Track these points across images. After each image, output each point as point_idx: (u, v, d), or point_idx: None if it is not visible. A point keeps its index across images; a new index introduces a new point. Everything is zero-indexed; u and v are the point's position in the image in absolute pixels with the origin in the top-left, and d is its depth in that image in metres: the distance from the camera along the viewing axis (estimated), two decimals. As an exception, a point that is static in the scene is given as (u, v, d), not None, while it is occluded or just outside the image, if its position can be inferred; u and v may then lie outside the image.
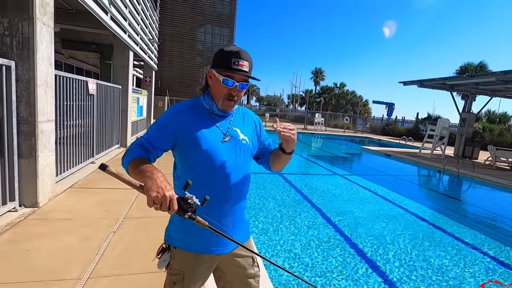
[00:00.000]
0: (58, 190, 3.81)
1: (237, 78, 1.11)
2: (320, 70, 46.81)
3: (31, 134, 3.14)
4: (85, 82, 4.89)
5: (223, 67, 1.10)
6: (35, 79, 3.07)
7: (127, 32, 6.83)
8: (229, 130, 1.19)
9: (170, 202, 0.90)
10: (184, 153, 1.15)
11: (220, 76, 1.11)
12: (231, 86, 1.11)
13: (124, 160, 1.09)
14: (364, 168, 10.32)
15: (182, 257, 1.17)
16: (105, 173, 0.96)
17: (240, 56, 1.10)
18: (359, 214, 4.70)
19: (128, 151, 1.11)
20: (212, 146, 1.13)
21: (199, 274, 1.19)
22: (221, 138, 1.16)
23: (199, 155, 1.12)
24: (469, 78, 10.99)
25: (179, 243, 1.18)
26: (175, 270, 1.17)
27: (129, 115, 7.61)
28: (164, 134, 1.15)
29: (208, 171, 1.12)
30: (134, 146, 1.13)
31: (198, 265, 1.18)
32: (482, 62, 27.82)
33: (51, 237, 2.65)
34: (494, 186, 7.76)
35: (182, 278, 1.16)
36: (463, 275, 3.08)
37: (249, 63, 1.13)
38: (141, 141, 1.15)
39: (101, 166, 0.97)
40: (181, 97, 21.29)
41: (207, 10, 22.37)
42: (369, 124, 28.61)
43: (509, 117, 23.54)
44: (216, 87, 1.15)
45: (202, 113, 1.18)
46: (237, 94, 1.15)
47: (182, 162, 1.18)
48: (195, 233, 1.14)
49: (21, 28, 2.97)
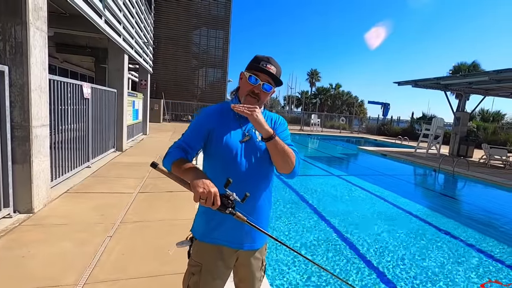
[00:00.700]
0: (53, 195, 3.77)
1: (262, 77, 1.22)
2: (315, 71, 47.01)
3: (25, 139, 3.11)
4: (79, 86, 4.86)
5: (252, 67, 1.23)
6: (29, 84, 3.05)
7: (122, 35, 6.81)
8: (250, 131, 1.25)
9: (214, 198, 1.01)
10: (209, 149, 1.24)
11: (247, 74, 1.23)
12: (256, 84, 1.21)
13: (165, 161, 1.20)
14: (361, 168, 10.37)
15: (202, 249, 1.23)
16: (156, 170, 1.09)
17: (269, 61, 1.23)
18: (355, 214, 4.72)
19: (168, 153, 1.21)
20: (231, 144, 1.20)
21: (216, 268, 1.22)
22: (240, 138, 1.22)
23: (220, 152, 1.20)
24: (462, 78, 11.13)
25: (200, 235, 1.24)
26: (194, 261, 1.24)
27: (124, 119, 7.57)
28: (199, 134, 1.24)
29: (224, 168, 1.19)
30: (173, 149, 1.22)
31: (216, 258, 1.22)
32: (475, 61, 28.20)
33: (46, 243, 2.62)
34: (489, 184, 7.84)
35: (199, 269, 1.22)
36: (459, 273, 3.10)
37: (277, 70, 1.24)
38: (179, 143, 1.25)
39: (152, 164, 1.10)
40: (177, 99, 21.27)
41: (202, 13, 22.39)
42: (365, 125, 28.77)
43: (502, 115, 23.85)
44: (243, 85, 1.27)
45: (228, 115, 1.27)
46: (260, 93, 1.23)
47: (206, 159, 1.27)
48: (215, 225, 1.20)
49: (14, 33, 2.95)
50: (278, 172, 1.28)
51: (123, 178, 4.94)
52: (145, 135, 11.16)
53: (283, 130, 1.33)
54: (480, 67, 27.69)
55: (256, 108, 1.10)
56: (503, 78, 9.62)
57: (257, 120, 1.10)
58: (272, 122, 1.34)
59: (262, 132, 1.13)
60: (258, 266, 1.32)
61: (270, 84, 1.23)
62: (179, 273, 2.29)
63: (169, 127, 15.39)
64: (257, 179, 1.22)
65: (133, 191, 4.24)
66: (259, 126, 1.11)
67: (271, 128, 1.16)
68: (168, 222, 3.27)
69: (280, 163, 1.20)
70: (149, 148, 8.30)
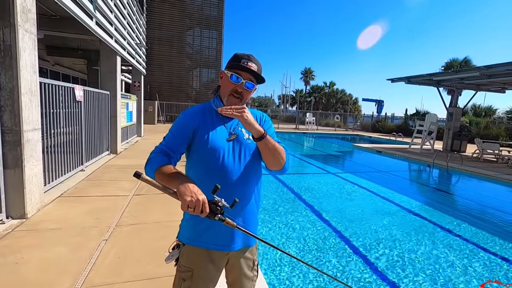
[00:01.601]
0: (47, 200, 3.72)
1: (244, 76, 1.20)
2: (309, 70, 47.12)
3: (16, 143, 3.07)
4: (71, 88, 4.80)
5: (232, 65, 1.20)
6: (19, 87, 3.00)
7: (114, 37, 6.74)
8: (235, 130, 1.24)
9: (202, 206, 0.97)
10: (193, 150, 1.22)
11: (229, 73, 1.21)
12: (238, 83, 1.19)
13: (148, 168, 1.14)
14: (356, 165, 10.43)
15: (191, 254, 1.21)
16: (140, 180, 1.02)
17: (249, 59, 1.21)
18: (351, 211, 4.75)
19: (150, 160, 1.16)
20: (217, 144, 1.18)
21: (208, 272, 1.21)
22: (226, 137, 1.21)
23: (205, 152, 1.18)
24: (454, 74, 11.25)
25: (189, 239, 1.22)
26: (184, 267, 1.21)
27: (118, 121, 7.50)
28: (183, 135, 1.21)
29: (212, 168, 1.17)
30: (155, 154, 1.17)
31: (206, 262, 1.20)
32: (466, 57, 28.46)
33: (40, 248, 2.59)
34: (482, 178, 7.94)
35: (191, 274, 1.19)
36: (455, 267, 3.14)
37: (258, 67, 1.22)
38: (161, 148, 1.20)
39: (136, 174, 1.02)
40: (172, 101, 21.16)
41: (195, 13, 22.30)
42: (359, 122, 28.94)
43: (494, 110, 24.17)
44: (224, 85, 1.24)
45: (211, 114, 1.25)
46: (243, 92, 1.22)
47: (191, 160, 1.24)
48: (203, 229, 1.18)
49: (2, 36, 2.90)
50: (268, 169, 1.27)
51: (118, 180, 4.90)
52: (140, 137, 11.08)
53: (269, 127, 1.33)
54: (471, 63, 28.00)
55: (245, 108, 1.08)
56: (493, 73, 9.75)
57: (248, 120, 1.07)
58: (257, 119, 1.32)
59: (253, 132, 1.10)
60: (249, 266, 1.31)
61: (252, 82, 1.22)
62: (176, 275, 2.28)
63: (164, 129, 15.30)
64: (246, 177, 1.20)
65: (128, 194, 4.21)
66: (249, 126, 1.08)
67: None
68: (164, 224, 3.25)
69: (271, 160, 1.19)
70: (144, 150, 8.24)
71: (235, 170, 1.18)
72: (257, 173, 1.26)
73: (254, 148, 1.24)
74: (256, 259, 1.36)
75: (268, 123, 1.35)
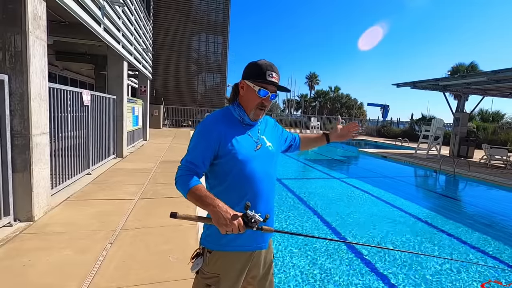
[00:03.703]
0: (54, 203, 3.77)
1: (271, 89, 1.21)
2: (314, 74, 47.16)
3: (25, 147, 3.12)
4: (79, 93, 4.88)
5: (258, 78, 1.18)
6: (29, 92, 3.06)
7: (121, 42, 6.85)
8: (260, 139, 1.26)
9: (239, 227, 1.03)
10: (221, 161, 1.19)
11: (256, 87, 1.19)
12: (265, 96, 1.20)
13: (179, 188, 1.16)
14: (361, 170, 10.36)
15: (219, 259, 1.20)
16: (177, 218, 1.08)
17: (273, 69, 1.20)
18: (357, 216, 4.70)
19: (179, 179, 1.16)
20: (248, 155, 1.19)
21: (236, 276, 1.22)
22: (254, 147, 1.22)
23: (237, 163, 1.17)
24: (461, 79, 11.16)
25: (215, 245, 1.21)
26: (209, 274, 1.20)
27: (124, 125, 7.58)
28: (209, 147, 1.17)
29: (244, 179, 1.17)
30: (183, 173, 1.16)
31: (234, 266, 1.21)
32: (473, 62, 28.24)
33: (47, 251, 2.61)
34: (490, 184, 7.82)
35: (218, 280, 1.19)
36: (461, 274, 3.08)
37: (279, 76, 1.24)
38: (187, 166, 1.18)
39: (172, 214, 1.08)
40: (177, 105, 21.32)
41: (201, 19, 22.55)
42: (364, 127, 28.79)
43: (502, 115, 23.85)
44: (249, 97, 1.22)
45: (234, 123, 1.24)
46: (268, 104, 1.25)
47: (218, 171, 1.21)
48: (233, 236, 1.16)
49: (13, 42, 2.97)
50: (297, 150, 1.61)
51: (124, 184, 4.93)
52: (145, 141, 11.17)
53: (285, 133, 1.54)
54: (478, 67, 27.76)
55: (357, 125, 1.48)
56: (501, 78, 9.65)
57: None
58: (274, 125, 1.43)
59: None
60: (270, 259, 1.35)
61: (275, 92, 1.24)
62: (181, 280, 2.28)
63: (169, 133, 15.40)
64: (273, 184, 1.27)
65: (133, 198, 4.24)
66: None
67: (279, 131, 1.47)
68: (169, 228, 3.26)
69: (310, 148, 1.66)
70: (149, 154, 8.30)
71: (265, 178, 1.22)
72: (276, 178, 1.33)
73: (274, 154, 1.30)
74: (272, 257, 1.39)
75: (279, 128, 1.48)
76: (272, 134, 1.36)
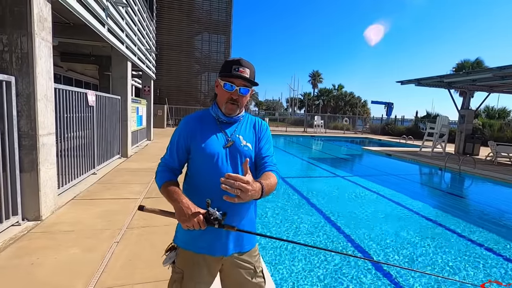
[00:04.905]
0: (60, 202, 3.82)
1: (237, 83, 1.21)
2: (317, 72, 46.97)
3: (32, 148, 3.17)
4: (84, 94, 4.93)
5: (225, 74, 1.21)
6: (35, 93, 3.11)
7: (125, 43, 6.90)
8: (232, 136, 1.25)
9: (199, 223, 1.07)
10: (192, 157, 1.25)
11: (222, 82, 1.22)
12: (232, 90, 1.21)
13: (157, 182, 1.28)
14: (366, 168, 10.31)
15: (184, 257, 1.25)
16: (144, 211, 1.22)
17: (240, 64, 1.20)
18: (361, 215, 4.69)
19: (157, 174, 1.28)
20: (214, 150, 1.20)
21: (199, 275, 1.22)
22: (223, 143, 1.22)
23: (202, 159, 1.21)
24: (466, 75, 11.03)
25: (182, 243, 1.27)
26: (177, 268, 1.25)
27: (129, 125, 7.64)
28: (181, 145, 1.26)
29: (209, 174, 1.19)
30: (160, 169, 1.28)
31: (198, 265, 1.22)
32: (478, 58, 27.86)
33: (54, 250, 2.65)
34: (497, 182, 7.74)
35: (181, 276, 1.23)
36: (468, 272, 3.06)
37: (250, 71, 1.22)
38: (164, 162, 1.29)
39: (139, 207, 1.22)
40: (180, 105, 21.40)
41: (203, 18, 22.59)
42: (368, 125, 28.62)
43: (508, 112, 23.55)
44: (220, 93, 1.26)
45: (209, 121, 1.28)
46: (239, 98, 1.23)
47: (191, 167, 1.28)
48: (198, 234, 1.20)
49: (20, 44, 3.01)
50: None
51: (129, 184, 4.98)
52: (150, 141, 11.24)
53: (264, 137, 1.32)
54: (483, 64, 27.41)
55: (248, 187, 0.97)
56: (507, 75, 9.52)
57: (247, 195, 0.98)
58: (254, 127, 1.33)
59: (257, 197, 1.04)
60: (249, 272, 1.28)
61: (246, 86, 1.22)
62: (186, 278, 2.30)
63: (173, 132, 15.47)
64: None
65: (138, 197, 4.27)
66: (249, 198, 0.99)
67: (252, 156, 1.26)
68: (174, 227, 3.27)
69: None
70: (154, 154, 8.36)
71: None
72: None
73: (251, 155, 1.26)
74: (259, 266, 1.33)
75: (263, 132, 1.33)
76: (251, 135, 1.31)
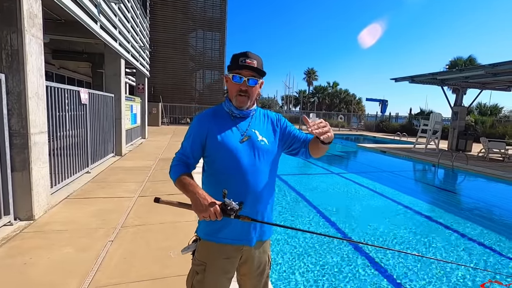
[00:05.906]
0: (53, 201, 3.77)
1: (245, 74, 1.22)
2: (312, 70, 46.99)
3: (24, 146, 3.12)
4: (77, 92, 4.87)
5: (233, 66, 1.23)
6: (26, 91, 3.05)
7: (118, 40, 6.82)
8: (248, 131, 1.27)
9: (215, 213, 1.09)
10: (208, 153, 1.27)
11: (231, 75, 1.25)
12: (240, 82, 1.23)
13: (171, 176, 1.29)
14: (361, 165, 10.39)
15: (206, 248, 1.26)
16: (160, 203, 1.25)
17: (247, 56, 1.22)
18: (356, 211, 4.73)
19: (171, 168, 1.29)
20: (231, 146, 1.22)
21: (222, 266, 1.24)
22: (239, 139, 1.24)
23: (219, 154, 1.22)
24: (459, 72, 11.15)
25: (206, 235, 1.26)
26: (198, 261, 1.26)
27: (123, 123, 7.57)
28: (196, 141, 1.28)
29: (227, 170, 1.21)
30: (175, 163, 1.30)
31: (221, 256, 1.24)
32: (471, 56, 28.16)
33: (47, 249, 2.63)
34: (488, 177, 7.86)
35: (204, 268, 1.24)
36: (460, 268, 3.11)
37: (257, 62, 1.24)
38: (179, 156, 1.31)
39: (155, 199, 1.25)
40: (175, 102, 21.28)
41: (198, 15, 22.42)
42: (363, 122, 28.80)
43: (500, 108, 23.91)
44: (230, 87, 1.28)
45: (223, 117, 1.30)
46: (248, 90, 1.25)
47: (207, 162, 1.30)
48: (220, 226, 1.22)
49: (9, 41, 2.96)
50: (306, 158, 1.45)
51: (123, 182, 4.94)
52: (144, 139, 11.16)
53: (293, 129, 1.40)
54: (476, 61, 27.69)
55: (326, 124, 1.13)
56: (498, 72, 9.65)
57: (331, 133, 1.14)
58: (274, 120, 1.38)
59: (329, 139, 1.16)
60: (265, 260, 1.34)
61: (254, 77, 1.24)
62: (181, 275, 2.29)
63: (168, 130, 15.39)
64: (261, 177, 1.24)
65: (133, 195, 4.25)
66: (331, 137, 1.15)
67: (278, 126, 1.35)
68: (169, 225, 3.28)
69: (322, 154, 1.32)
70: (148, 152, 8.30)
71: (249, 170, 1.21)
72: (271, 173, 1.29)
73: (268, 150, 1.28)
74: (270, 256, 1.39)
75: (285, 123, 1.40)
76: (267, 129, 1.33)
